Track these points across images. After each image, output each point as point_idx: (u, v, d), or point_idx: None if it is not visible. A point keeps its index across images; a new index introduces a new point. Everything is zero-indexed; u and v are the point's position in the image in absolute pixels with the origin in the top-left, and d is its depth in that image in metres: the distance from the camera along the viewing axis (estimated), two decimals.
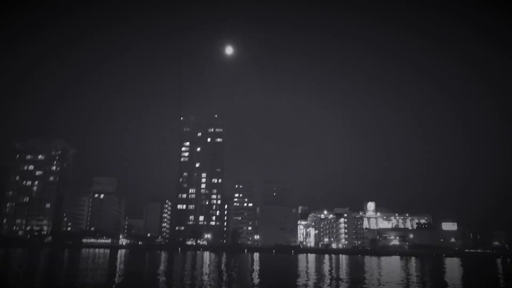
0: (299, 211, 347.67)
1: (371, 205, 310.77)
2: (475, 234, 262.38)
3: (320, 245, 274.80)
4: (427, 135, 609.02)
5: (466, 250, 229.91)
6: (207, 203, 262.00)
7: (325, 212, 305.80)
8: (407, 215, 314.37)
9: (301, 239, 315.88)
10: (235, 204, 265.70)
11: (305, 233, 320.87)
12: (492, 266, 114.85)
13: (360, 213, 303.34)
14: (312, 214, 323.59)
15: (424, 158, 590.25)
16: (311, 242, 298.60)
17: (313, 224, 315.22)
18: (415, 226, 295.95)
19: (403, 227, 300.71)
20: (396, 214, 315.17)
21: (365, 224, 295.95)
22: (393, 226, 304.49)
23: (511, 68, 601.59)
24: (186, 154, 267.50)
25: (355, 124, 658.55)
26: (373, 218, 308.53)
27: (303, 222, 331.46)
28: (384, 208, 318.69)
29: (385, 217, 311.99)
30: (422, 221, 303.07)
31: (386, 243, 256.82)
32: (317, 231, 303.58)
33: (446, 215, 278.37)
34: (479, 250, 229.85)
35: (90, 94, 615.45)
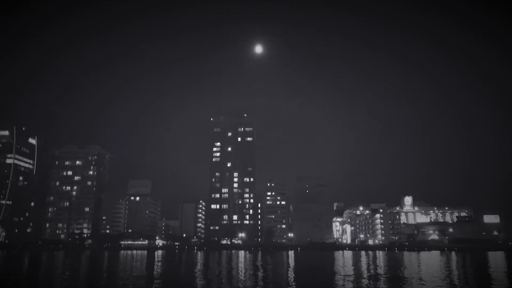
0: (335, 208, 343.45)
1: (408, 200, 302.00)
2: None
3: (356, 242, 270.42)
4: (470, 125, 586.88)
5: (510, 243, 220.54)
6: (240, 202, 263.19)
7: (361, 208, 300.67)
8: (446, 208, 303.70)
9: (337, 236, 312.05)
10: (268, 202, 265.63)
11: (341, 229, 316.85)
12: None
13: (397, 208, 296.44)
14: (348, 210, 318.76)
15: (465, 150, 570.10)
16: (347, 238, 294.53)
17: (348, 220, 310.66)
18: (455, 219, 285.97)
19: (442, 221, 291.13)
20: (435, 208, 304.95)
21: (403, 219, 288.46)
22: (432, 220, 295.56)
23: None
24: (218, 154, 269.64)
25: (393, 121, 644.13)
26: (411, 212, 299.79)
27: (339, 219, 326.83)
28: (422, 202, 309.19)
29: (423, 211, 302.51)
30: (463, 214, 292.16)
31: (424, 238, 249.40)
32: (353, 228, 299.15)
33: (487, 207, 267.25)
34: None
35: (124, 101, 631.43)
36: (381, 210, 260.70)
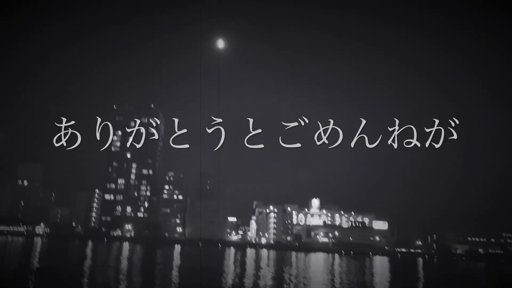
0: (254, 206, 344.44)
1: (315, 202, 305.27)
2: (402, 233, 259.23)
3: (254, 240, 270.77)
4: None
5: (396, 249, 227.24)
6: (136, 194, 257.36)
7: (271, 207, 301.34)
8: (352, 213, 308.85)
9: (251, 233, 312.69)
10: (164, 196, 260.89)
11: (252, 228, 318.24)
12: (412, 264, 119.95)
13: (306, 210, 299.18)
14: (258, 209, 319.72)
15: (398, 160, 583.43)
16: (252, 236, 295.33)
17: (256, 219, 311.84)
18: (359, 225, 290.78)
19: (346, 226, 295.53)
20: (342, 212, 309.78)
21: (309, 221, 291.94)
22: (338, 224, 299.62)
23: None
24: (118, 144, 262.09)
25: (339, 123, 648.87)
26: (317, 214, 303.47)
27: (254, 217, 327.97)
28: (335, 206, 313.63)
29: (329, 214, 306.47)
30: (366, 219, 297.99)
31: (316, 240, 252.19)
32: (257, 226, 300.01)
33: (383, 215, 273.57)
34: (403, 250, 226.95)
35: (23, 81, 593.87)
36: (275, 210, 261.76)
